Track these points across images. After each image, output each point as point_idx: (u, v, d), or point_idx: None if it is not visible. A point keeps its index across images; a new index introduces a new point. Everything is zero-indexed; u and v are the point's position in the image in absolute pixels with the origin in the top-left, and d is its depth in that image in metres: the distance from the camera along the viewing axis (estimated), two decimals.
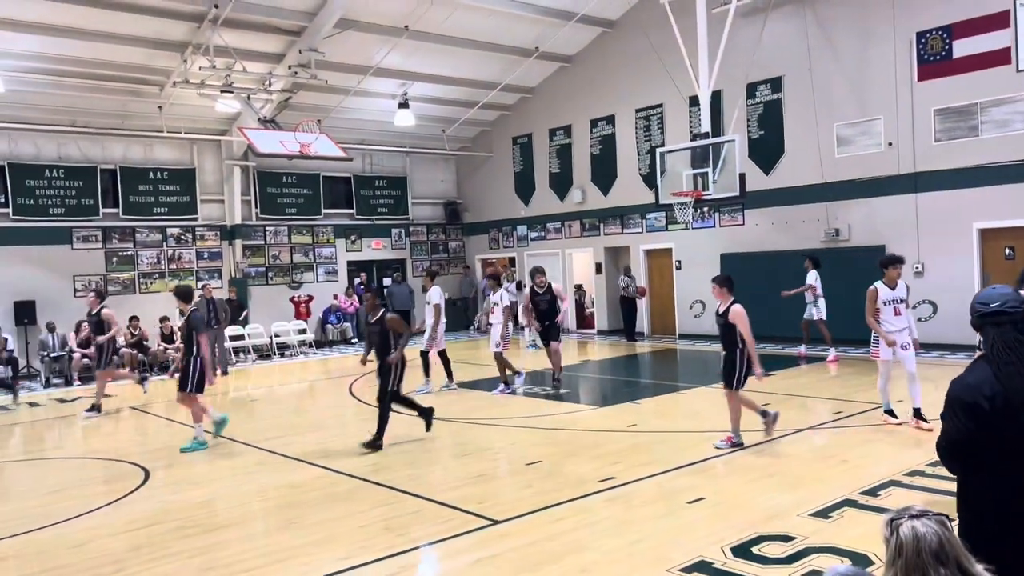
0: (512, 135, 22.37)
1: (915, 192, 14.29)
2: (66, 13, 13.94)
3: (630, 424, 9.35)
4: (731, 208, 16.97)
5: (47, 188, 17.24)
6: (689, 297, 17.99)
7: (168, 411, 11.96)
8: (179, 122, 18.04)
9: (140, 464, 8.57)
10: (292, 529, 6.21)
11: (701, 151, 14.32)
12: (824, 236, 15.56)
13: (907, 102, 14.30)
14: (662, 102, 18.21)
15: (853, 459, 7.37)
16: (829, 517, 5.77)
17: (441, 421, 10.19)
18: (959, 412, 2.83)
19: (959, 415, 2.82)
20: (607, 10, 18.39)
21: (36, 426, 11.87)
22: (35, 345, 16.36)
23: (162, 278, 18.80)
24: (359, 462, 8.18)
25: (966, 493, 2.89)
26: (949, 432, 2.88)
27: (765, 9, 15.74)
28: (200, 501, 7.15)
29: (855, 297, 14.84)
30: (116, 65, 15.83)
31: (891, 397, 8.85)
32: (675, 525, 5.84)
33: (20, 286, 16.51)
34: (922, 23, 14.06)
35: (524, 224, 22.27)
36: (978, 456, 2.80)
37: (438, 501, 6.68)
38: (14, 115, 16.32)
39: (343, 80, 17.82)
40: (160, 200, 18.78)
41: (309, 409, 12.56)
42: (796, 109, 15.92)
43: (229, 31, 15.15)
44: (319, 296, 20.94)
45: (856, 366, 12.95)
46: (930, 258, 14.27)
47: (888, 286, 8.43)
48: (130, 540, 6.13)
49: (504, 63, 19.21)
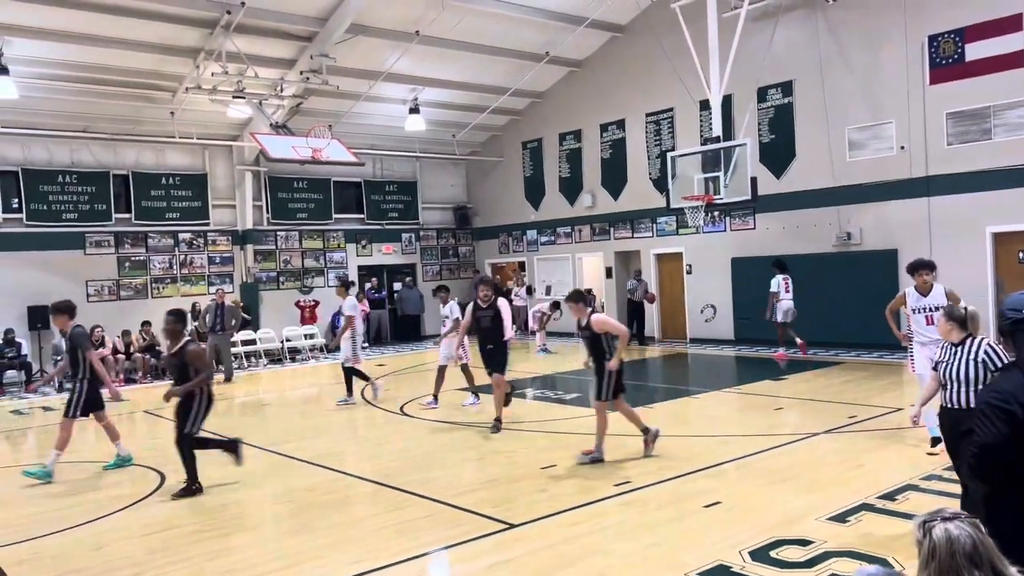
0: (522, 140, 22.39)
1: (927, 196, 14.22)
2: (79, 19, 14.04)
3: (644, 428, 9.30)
4: (742, 212, 16.93)
5: (60, 193, 17.35)
6: (700, 301, 17.95)
7: None
8: (191, 128, 18.13)
9: (155, 468, 8.59)
10: (305, 533, 6.21)
11: (712, 155, 14.29)
12: (835, 240, 15.50)
13: (919, 105, 14.24)
14: (672, 106, 18.19)
15: (869, 463, 7.32)
16: (847, 521, 5.73)
17: (454, 425, 10.20)
18: (995, 419, 2.79)
19: (995, 422, 2.79)
20: (616, 15, 18.40)
21: (49, 430, 11.89)
22: (48, 349, 16.45)
23: (174, 283, 18.88)
24: (372, 465, 8.18)
25: (997, 508, 2.84)
26: (984, 439, 2.84)
27: (776, 13, 15.72)
28: (214, 505, 7.16)
29: (866, 301, 14.89)
30: (129, 71, 15.93)
31: (907, 404, 8.78)
32: (691, 529, 5.81)
33: (34, 290, 16.60)
34: (934, 26, 14.01)
35: (534, 228, 22.27)
36: (1013, 466, 2.76)
37: (452, 504, 6.67)
38: (28, 121, 16.44)
39: (354, 85, 17.89)
40: (172, 205, 18.87)
41: (321, 413, 12.57)
42: (807, 113, 15.87)
43: (241, 37, 15.23)
44: (327, 301, 20.97)
45: (870, 370, 12.89)
46: (943, 262, 13.99)
47: (920, 292, 7.81)
48: (146, 544, 6.15)
49: (514, 68, 19.24)
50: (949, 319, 5.10)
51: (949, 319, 5.10)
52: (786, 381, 12.27)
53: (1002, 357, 4.80)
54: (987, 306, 13.33)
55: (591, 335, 7.87)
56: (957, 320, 5.06)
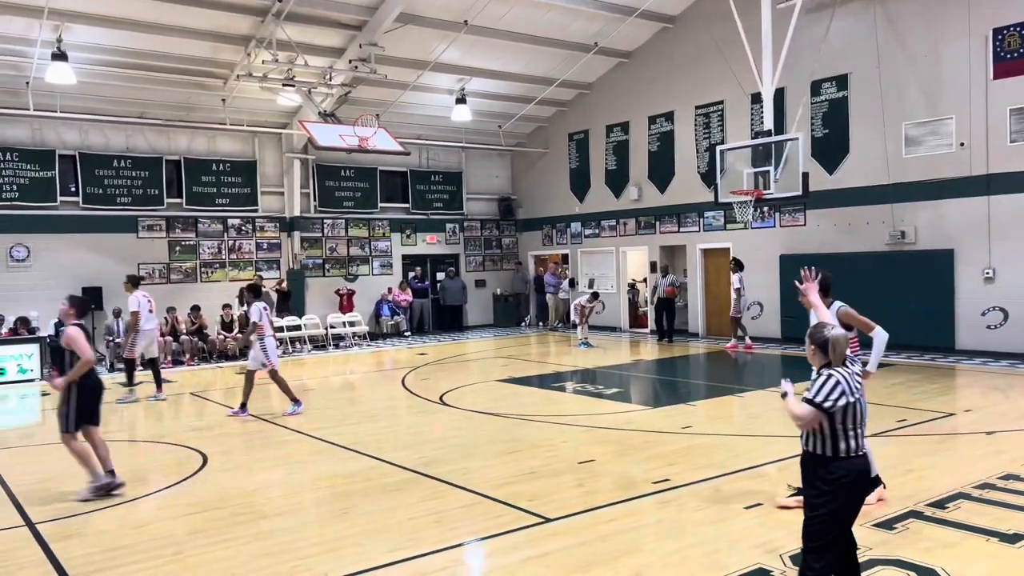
0: (568, 131, 22.25)
1: (987, 195, 13.75)
2: (135, 6, 14.32)
3: (684, 426, 9.20)
4: (792, 208, 16.59)
5: (115, 178, 17.76)
6: (747, 298, 17.66)
7: (225, 397, 12.21)
8: (242, 115, 18.41)
9: (198, 449, 8.74)
10: (344, 519, 6.25)
11: (763, 149, 14.01)
12: (889, 239, 15.10)
13: (981, 101, 13.77)
14: (723, 99, 17.89)
15: (919, 468, 7.11)
16: (894, 528, 5.56)
17: (493, 416, 10.19)
18: None
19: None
20: (668, 5, 18.14)
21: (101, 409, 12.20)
22: (101, 330, 16.86)
23: (223, 268, 19.21)
24: (411, 454, 8.21)
25: None
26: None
27: (832, 4, 15.31)
28: (255, 488, 7.25)
29: (918, 302, 14.50)
30: (182, 58, 16.22)
31: (960, 409, 8.51)
32: (731, 530, 5.70)
33: (88, 272, 17.05)
34: (999, 19, 13.51)
35: (578, 221, 22.14)
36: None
37: (489, 496, 6.65)
38: (85, 106, 16.85)
39: (402, 75, 17.94)
40: (222, 191, 19.19)
41: (362, 400, 12.68)
42: (863, 107, 15.46)
43: (291, 25, 15.38)
44: (371, 289, 21.14)
45: (922, 372, 12.54)
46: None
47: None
48: (188, 524, 6.25)
49: (562, 58, 19.11)
50: (811, 341, 4.12)
51: (811, 341, 4.12)
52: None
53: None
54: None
55: (59, 347, 6.41)
56: (818, 343, 4.08)
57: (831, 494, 3.90)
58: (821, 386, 3.92)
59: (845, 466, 3.90)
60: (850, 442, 3.94)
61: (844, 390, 3.90)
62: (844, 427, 3.93)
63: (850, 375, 3.97)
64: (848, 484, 3.91)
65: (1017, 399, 9.68)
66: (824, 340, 4.04)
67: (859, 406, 3.98)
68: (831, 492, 3.90)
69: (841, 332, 4.07)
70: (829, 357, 4.02)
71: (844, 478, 3.89)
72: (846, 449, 3.92)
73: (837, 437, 3.93)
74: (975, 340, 14.05)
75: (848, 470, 3.90)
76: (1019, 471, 6.78)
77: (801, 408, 3.94)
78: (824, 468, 3.93)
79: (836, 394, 3.88)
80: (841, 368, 3.99)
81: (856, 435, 3.96)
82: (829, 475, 3.91)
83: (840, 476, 3.89)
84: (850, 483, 3.91)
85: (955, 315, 14.33)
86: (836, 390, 3.89)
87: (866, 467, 4.02)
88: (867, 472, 4.07)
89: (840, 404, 3.89)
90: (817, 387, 3.93)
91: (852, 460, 3.93)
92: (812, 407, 3.90)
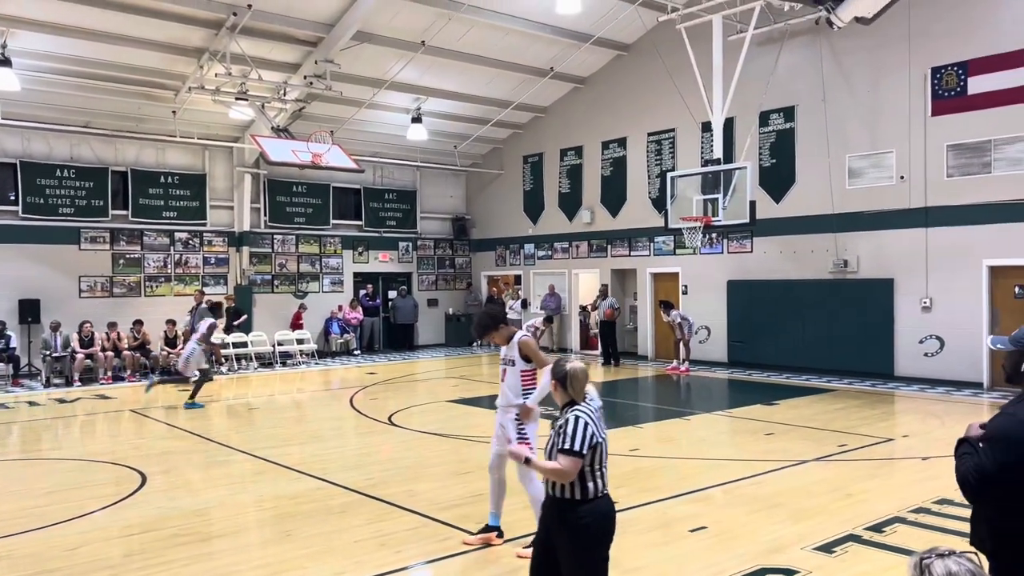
0: (523, 153, 22.42)
1: (926, 226, 14.24)
2: (85, 15, 14.02)
3: (632, 448, 9.27)
4: (740, 235, 16.94)
5: (57, 188, 17.28)
6: (695, 322, 17.91)
7: (168, 416, 11.90)
8: (192, 127, 18.12)
9: (137, 468, 8.50)
10: (287, 541, 6.13)
11: (712, 177, 14.32)
12: (832, 267, 15.50)
13: (920, 136, 14.29)
14: (674, 126, 18.23)
15: (858, 493, 7.27)
16: (832, 552, 5.68)
17: (442, 437, 10.13)
18: (1007, 447, 2.80)
19: (1007, 450, 2.79)
20: (623, 34, 18.47)
21: (34, 426, 11.81)
22: (38, 344, 16.34)
23: (168, 282, 18.79)
24: (357, 475, 8.11)
25: (1004, 536, 2.83)
26: (984, 466, 2.84)
27: (781, 38, 15.78)
28: (196, 509, 7.07)
29: (860, 329, 14.91)
30: (133, 68, 15.91)
31: (899, 435, 8.75)
32: (676, 554, 5.74)
33: (26, 284, 16.52)
34: (938, 59, 14.06)
35: (531, 243, 22.25)
36: (1016, 496, 2.73)
37: (435, 519, 6.60)
38: (29, 114, 16.39)
39: (358, 92, 17.89)
40: (170, 204, 18.81)
41: (309, 419, 12.48)
42: (808, 139, 15.91)
43: (246, 39, 15.23)
44: (321, 306, 20.89)
45: (862, 398, 12.85)
46: (939, 293, 14.19)
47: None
48: (124, 546, 6.06)
49: (518, 82, 19.29)
50: (553, 377, 3.95)
51: (553, 377, 3.95)
52: (778, 407, 12.23)
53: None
54: (981, 339, 13.36)
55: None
56: (558, 379, 3.91)
57: (591, 540, 3.69)
58: (573, 432, 3.67)
59: (592, 509, 3.71)
60: (597, 482, 3.73)
61: (593, 431, 3.70)
62: (592, 468, 3.72)
63: (593, 411, 3.78)
64: (599, 526, 3.73)
65: (952, 425, 9.93)
66: (563, 375, 3.85)
67: (604, 444, 3.79)
68: (591, 539, 3.69)
69: (579, 366, 3.88)
70: (570, 393, 3.84)
71: (594, 522, 3.71)
72: (594, 490, 3.72)
73: (585, 478, 3.70)
74: (913, 367, 14.48)
75: (595, 513, 3.72)
76: (953, 496, 6.98)
77: (561, 462, 3.66)
78: (573, 513, 3.70)
79: (588, 435, 3.68)
80: (583, 405, 3.80)
81: (602, 474, 3.76)
82: (579, 520, 3.68)
83: (589, 521, 3.69)
84: (600, 526, 3.73)
85: (894, 343, 14.75)
86: (587, 431, 3.68)
87: (612, 508, 3.81)
88: (613, 513, 3.82)
89: (592, 444, 3.69)
90: (569, 434, 3.68)
91: (598, 502, 3.74)
92: (572, 457, 3.64)
